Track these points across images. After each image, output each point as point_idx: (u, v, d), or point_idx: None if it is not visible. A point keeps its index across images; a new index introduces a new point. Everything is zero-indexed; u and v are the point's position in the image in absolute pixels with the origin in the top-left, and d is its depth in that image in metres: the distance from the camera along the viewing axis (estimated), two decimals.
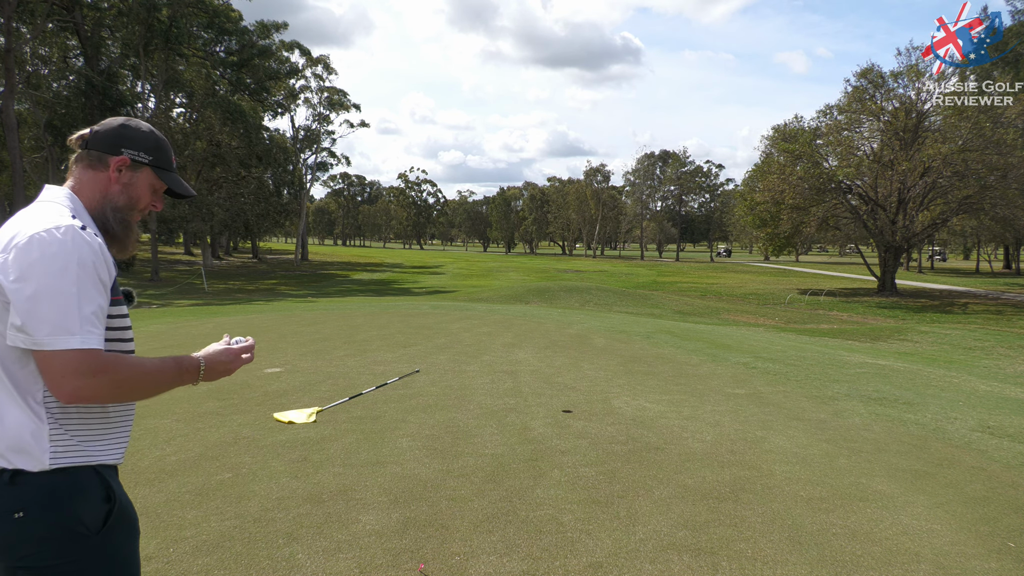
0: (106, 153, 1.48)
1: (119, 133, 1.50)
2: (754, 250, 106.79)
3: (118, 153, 1.49)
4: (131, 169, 1.51)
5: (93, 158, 1.47)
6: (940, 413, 5.81)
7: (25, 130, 35.78)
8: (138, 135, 1.52)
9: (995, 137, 29.37)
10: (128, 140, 1.50)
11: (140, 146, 1.52)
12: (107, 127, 1.50)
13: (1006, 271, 58.29)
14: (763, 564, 2.89)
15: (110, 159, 1.48)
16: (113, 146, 1.48)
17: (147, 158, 1.53)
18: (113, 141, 1.48)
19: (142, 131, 1.53)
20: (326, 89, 56.41)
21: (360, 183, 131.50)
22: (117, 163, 1.48)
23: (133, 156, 1.50)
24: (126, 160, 1.49)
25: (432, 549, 2.98)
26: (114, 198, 1.49)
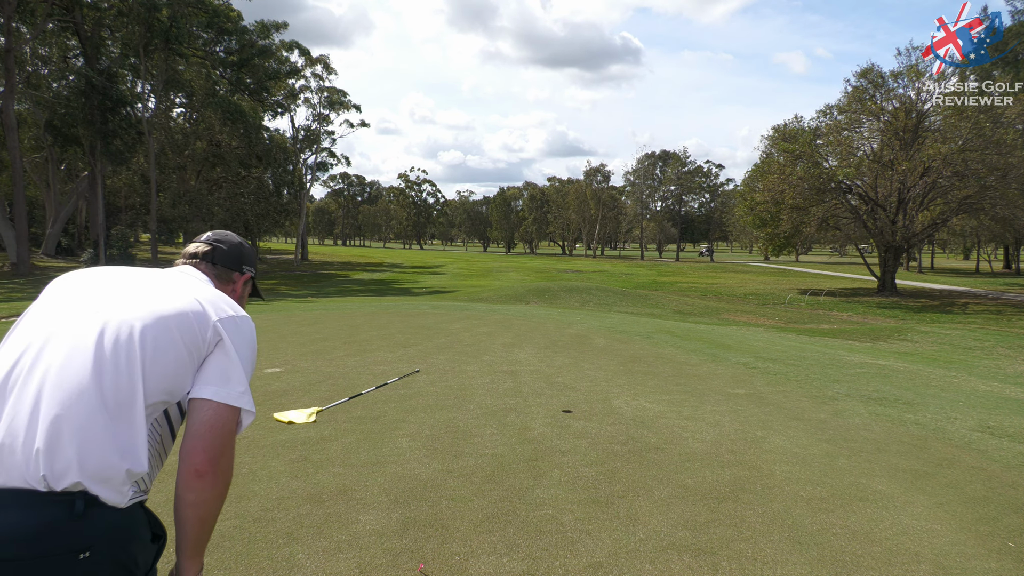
0: (232, 270, 1.68)
1: (241, 253, 1.72)
2: (754, 250, 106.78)
3: (242, 271, 1.72)
4: (247, 284, 1.75)
5: (222, 273, 1.66)
6: (940, 413, 5.81)
7: (25, 130, 35.78)
8: (250, 254, 1.75)
9: (995, 137, 29.37)
10: (246, 257, 1.74)
11: (252, 263, 1.75)
12: (231, 247, 1.70)
13: (1006, 271, 58.30)
14: (763, 564, 2.89)
15: (235, 275, 1.69)
16: (239, 264, 1.71)
17: (253, 272, 1.77)
18: (237, 259, 1.70)
19: (251, 248, 1.77)
20: (326, 89, 56.41)
21: (360, 183, 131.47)
22: (243, 280, 1.72)
23: (250, 272, 1.75)
24: (248, 276, 1.74)
25: (432, 549, 2.98)
26: None
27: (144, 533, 1.32)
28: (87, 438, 1.21)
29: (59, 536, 1.16)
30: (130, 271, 1.52)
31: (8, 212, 32.42)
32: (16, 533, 1.15)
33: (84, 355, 1.26)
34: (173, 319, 1.33)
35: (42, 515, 1.16)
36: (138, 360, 1.27)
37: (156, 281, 1.46)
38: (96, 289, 1.40)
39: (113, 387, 1.25)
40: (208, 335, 1.36)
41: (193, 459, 1.29)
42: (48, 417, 1.21)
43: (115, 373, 1.26)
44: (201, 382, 1.33)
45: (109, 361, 1.26)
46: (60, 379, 1.24)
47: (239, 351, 1.39)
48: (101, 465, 1.22)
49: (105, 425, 1.23)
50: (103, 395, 1.23)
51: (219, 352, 1.36)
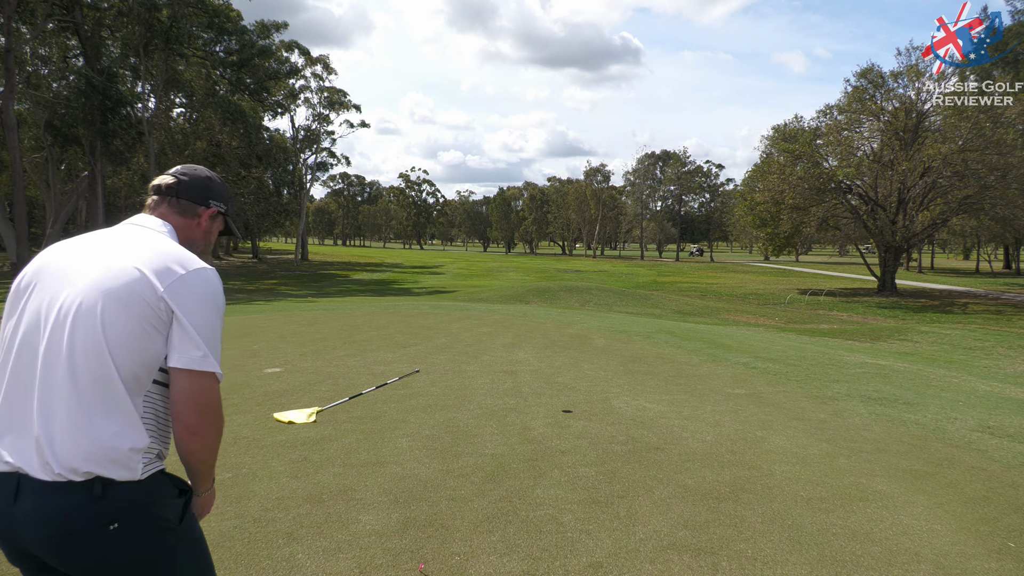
0: (196, 204, 1.67)
1: (207, 186, 1.70)
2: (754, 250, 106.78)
3: (207, 205, 1.69)
4: (213, 219, 1.72)
5: (184, 207, 1.65)
6: (940, 413, 5.81)
7: (25, 130, 35.75)
8: (221, 189, 1.74)
9: (995, 137, 29.36)
10: (214, 193, 1.71)
11: (221, 198, 1.73)
12: (195, 180, 1.68)
13: (1006, 271, 58.29)
14: (763, 564, 2.89)
15: (200, 209, 1.67)
16: (203, 198, 1.68)
17: (224, 208, 1.74)
18: (203, 193, 1.68)
19: (221, 184, 1.76)
20: (326, 89, 56.38)
21: (360, 183, 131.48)
22: (208, 214, 1.70)
23: (218, 207, 1.72)
24: (213, 211, 1.70)
25: (432, 549, 2.98)
26: (196, 242, 1.69)
27: (169, 492, 1.46)
28: (79, 432, 1.32)
29: (86, 515, 1.32)
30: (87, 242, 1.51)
31: (8, 212, 32.42)
32: (46, 516, 1.31)
33: (58, 348, 1.35)
34: (125, 299, 1.36)
35: (66, 500, 1.31)
36: (104, 347, 1.34)
37: (108, 252, 1.45)
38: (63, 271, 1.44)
39: (88, 378, 1.34)
40: (162, 307, 1.39)
41: (181, 420, 1.41)
42: (42, 416, 1.34)
43: (86, 364, 1.34)
44: (169, 350, 1.40)
45: (79, 353, 1.34)
46: (45, 374, 1.35)
47: (191, 316, 1.40)
48: (102, 453, 1.33)
49: (91, 416, 1.33)
50: (80, 388, 1.33)
51: (175, 323, 1.40)
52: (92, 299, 1.36)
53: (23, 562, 1.41)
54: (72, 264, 1.44)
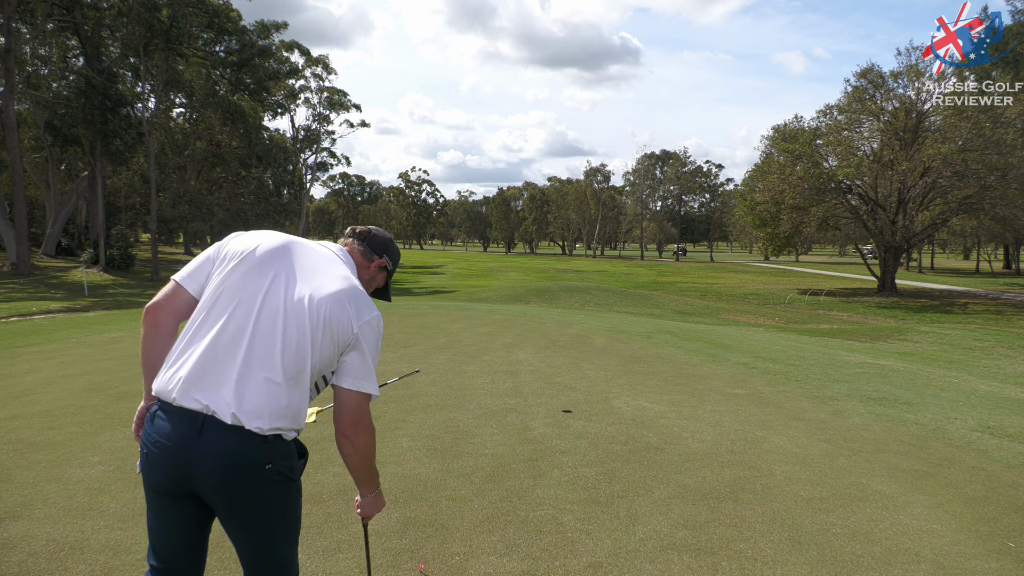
0: (375, 253, 2.06)
1: (386, 245, 2.10)
2: (754, 250, 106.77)
3: (381, 256, 2.08)
4: (380, 268, 2.09)
5: (366, 252, 2.04)
6: (940, 413, 5.81)
7: (25, 130, 35.74)
8: (394, 252, 2.13)
9: (995, 137, 29.36)
10: (389, 252, 2.10)
11: (392, 258, 2.12)
12: (380, 236, 2.10)
13: (1006, 271, 58.28)
14: (763, 564, 2.89)
15: (375, 258, 2.06)
16: (380, 251, 2.08)
17: (392, 267, 2.14)
18: (382, 248, 2.08)
19: (396, 250, 2.14)
20: (326, 89, 56.38)
21: (360, 183, 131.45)
22: (377, 264, 2.07)
23: (388, 266, 2.11)
24: (383, 263, 2.08)
25: (432, 549, 2.98)
26: (361, 280, 2.02)
27: (298, 451, 1.84)
28: (273, 400, 1.71)
29: (255, 453, 1.70)
30: (312, 250, 1.90)
31: (8, 212, 32.41)
32: (223, 450, 1.68)
33: (276, 337, 1.72)
34: (332, 324, 1.75)
35: (240, 441, 1.69)
36: (310, 346, 1.74)
37: (332, 272, 1.84)
38: (306, 270, 1.82)
39: (293, 365, 1.73)
40: (350, 336, 1.78)
41: (341, 428, 1.82)
42: (250, 380, 1.70)
43: (296, 355, 1.73)
44: (342, 373, 1.81)
45: (293, 343, 1.73)
46: (262, 351, 1.71)
47: (370, 352, 1.82)
48: (280, 418, 1.73)
49: (284, 392, 1.73)
50: (286, 371, 1.72)
51: (356, 352, 1.80)
52: (322, 310, 1.74)
53: (174, 491, 1.73)
54: (309, 266, 1.82)
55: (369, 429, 1.86)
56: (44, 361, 7.87)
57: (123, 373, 6.95)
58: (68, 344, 9.41)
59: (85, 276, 28.05)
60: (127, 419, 5.07)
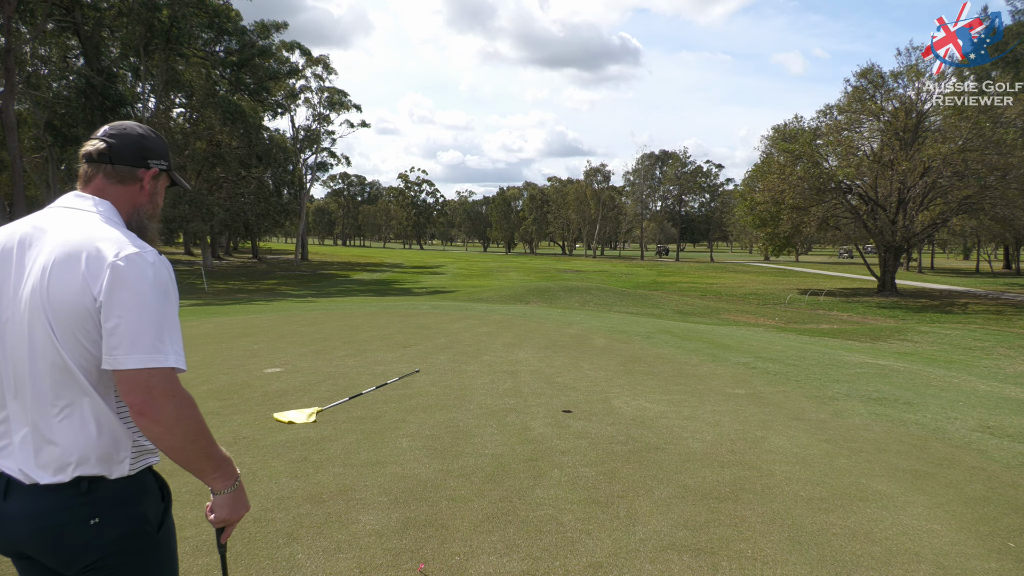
0: (135, 167, 1.50)
1: (143, 145, 1.51)
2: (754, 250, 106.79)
3: (146, 166, 1.52)
4: (156, 178, 1.55)
5: (122, 173, 1.48)
6: (940, 413, 5.81)
7: (25, 130, 35.75)
8: (157, 144, 1.55)
9: (995, 137, 29.35)
10: (152, 151, 1.53)
11: (161, 154, 1.55)
12: (128, 139, 1.50)
13: (1006, 271, 58.27)
14: (763, 564, 2.89)
15: (140, 172, 1.51)
16: (141, 159, 1.51)
17: (165, 164, 1.57)
18: (140, 154, 1.50)
19: (157, 138, 1.56)
20: (326, 89, 56.37)
21: (360, 183, 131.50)
22: (149, 176, 1.53)
23: (159, 166, 1.55)
24: (155, 171, 1.54)
25: (432, 549, 2.98)
26: (143, 208, 1.54)
27: (153, 491, 1.45)
28: (62, 438, 1.33)
29: (70, 510, 1.33)
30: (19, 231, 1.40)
31: (8, 212, 32.42)
32: (33, 512, 1.33)
33: (25, 359, 1.33)
34: (65, 291, 1.29)
35: (52, 497, 1.33)
36: (58, 347, 1.31)
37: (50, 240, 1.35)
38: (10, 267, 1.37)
39: (59, 384, 1.32)
40: (94, 292, 1.29)
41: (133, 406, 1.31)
42: (26, 424, 1.35)
43: (52, 368, 1.32)
44: (108, 348, 1.30)
45: (46, 362, 1.32)
46: (25, 385, 1.34)
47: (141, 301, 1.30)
48: (81, 452, 1.33)
49: (69, 424, 1.33)
50: (57, 395, 1.33)
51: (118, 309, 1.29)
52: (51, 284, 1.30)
53: (15, 557, 1.42)
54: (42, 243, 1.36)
55: (173, 395, 1.31)
56: None
57: None
58: None
59: None
60: None
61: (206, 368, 7.15)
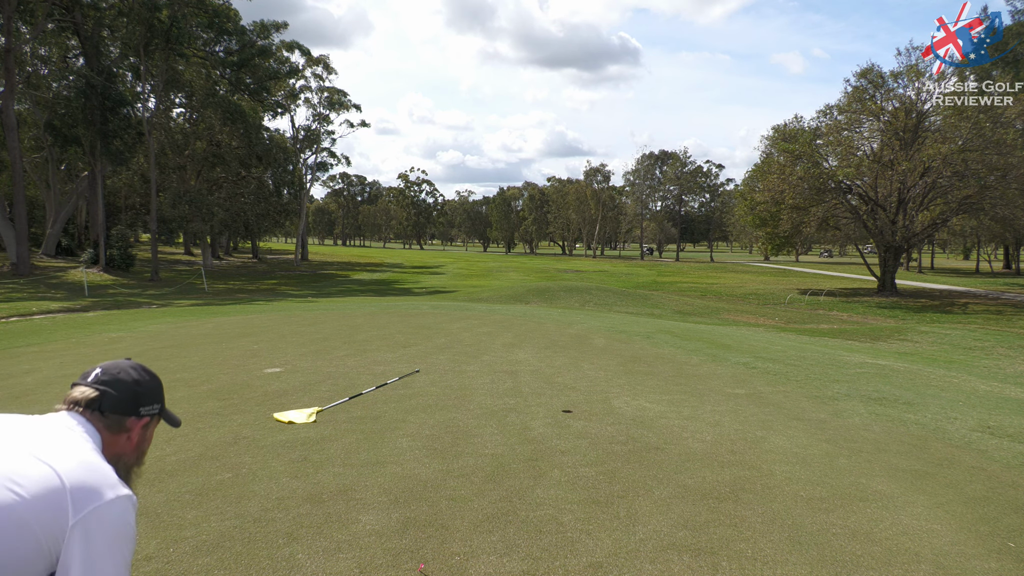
0: (125, 416, 1.42)
1: (136, 392, 1.44)
2: (754, 250, 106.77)
3: (137, 414, 1.44)
4: (146, 427, 1.47)
5: (110, 421, 1.40)
6: (940, 413, 5.81)
7: (25, 130, 35.75)
8: (151, 388, 1.47)
9: (995, 137, 29.35)
10: (145, 398, 1.45)
11: (154, 399, 1.48)
12: (121, 387, 1.42)
13: (1006, 271, 58.28)
14: (763, 564, 2.89)
15: (129, 422, 1.43)
16: (132, 408, 1.43)
17: (158, 408, 1.49)
18: (132, 403, 1.42)
19: (150, 380, 1.48)
20: (326, 89, 56.38)
21: (360, 183, 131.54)
22: (139, 426, 1.45)
23: (151, 413, 1.47)
24: (146, 420, 1.46)
25: (432, 549, 2.98)
26: (127, 458, 1.45)
27: None
28: None
29: None
30: None
31: (8, 212, 32.41)
32: None
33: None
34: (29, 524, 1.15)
35: None
36: None
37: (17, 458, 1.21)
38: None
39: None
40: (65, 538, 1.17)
41: None
42: None
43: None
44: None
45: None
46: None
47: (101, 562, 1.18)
48: None
49: None
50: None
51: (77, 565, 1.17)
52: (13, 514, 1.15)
53: None
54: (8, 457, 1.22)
55: None
56: (44, 361, 7.86)
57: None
58: (68, 344, 9.41)
59: (85, 276, 28.05)
60: None
61: (206, 368, 7.15)
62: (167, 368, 7.19)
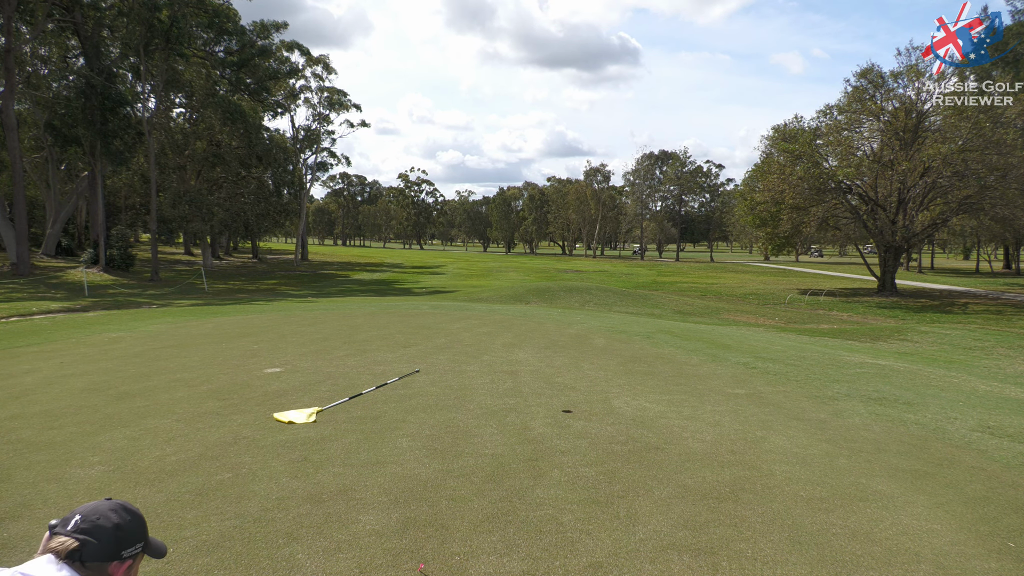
0: (106, 563, 1.35)
1: (117, 538, 1.36)
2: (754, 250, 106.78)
3: (120, 559, 1.37)
4: (130, 568, 1.41)
5: (92, 570, 1.33)
6: (940, 413, 5.81)
7: (25, 130, 35.76)
8: (133, 528, 1.40)
9: (995, 137, 29.34)
10: (127, 541, 1.38)
11: (137, 539, 1.41)
12: (102, 534, 1.35)
13: (1006, 271, 58.27)
14: (763, 564, 2.89)
15: (111, 567, 1.36)
16: (114, 554, 1.36)
17: (140, 547, 1.42)
18: (113, 550, 1.36)
19: (131, 520, 1.41)
20: (326, 89, 56.36)
21: (360, 183, 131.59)
22: (123, 570, 1.38)
23: (133, 554, 1.40)
24: (128, 563, 1.39)
25: (432, 549, 2.98)
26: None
27: None
28: None
29: None
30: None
31: (8, 212, 32.42)
32: None
33: None
34: None
35: None
36: None
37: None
38: None
39: None
40: None
41: None
42: None
43: None
44: None
45: None
46: None
47: None
48: None
49: None
50: None
51: None
52: None
53: None
54: None
55: None
56: (44, 361, 7.86)
57: (123, 373, 6.94)
58: (68, 344, 9.41)
59: (85, 276, 28.05)
60: (127, 419, 5.08)
61: (206, 368, 7.15)
62: (167, 368, 7.19)
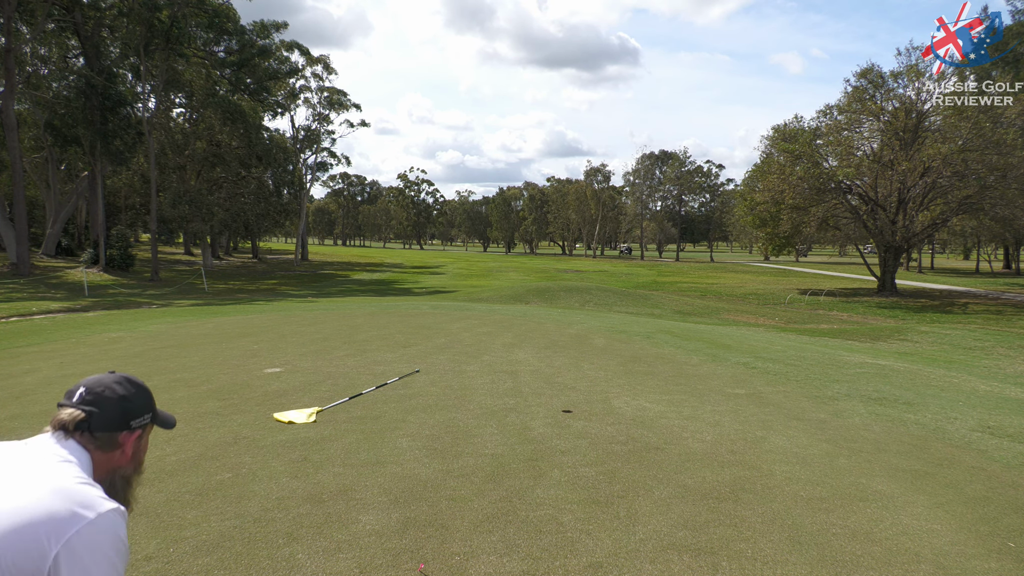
0: (116, 432, 1.37)
1: (125, 408, 1.39)
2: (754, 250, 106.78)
3: (129, 428, 1.39)
4: (140, 438, 1.43)
5: (101, 440, 1.35)
6: (940, 413, 5.81)
7: (25, 130, 35.76)
8: (140, 399, 1.42)
9: (995, 137, 29.34)
10: (134, 411, 1.40)
11: (145, 410, 1.43)
12: (108, 404, 1.37)
13: (1006, 271, 58.27)
14: (763, 564, 2.89)
15: (121, 436, 1.38)
16: (123, 424, 1.38)
17: (149, 418, 1.45)
18: (121, 419, 1.37)
19: (136, 392, 1.43)
20: (326, 89, 56.37)
21: (360, 183, 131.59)
22: (132, 440, 1.40)
23: (142, 424, 1.42)
24: (138, 433, 1.42)
25: (432, 549, 2.98)
26: (124, 469, 1.41)
27: None
28: None
29: None
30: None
31: (8, 212, 32.41)
32: None
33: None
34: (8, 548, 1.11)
35: None
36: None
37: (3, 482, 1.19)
38: None
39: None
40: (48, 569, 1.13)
41: None
42: None
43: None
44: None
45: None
46: None
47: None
48: None
49: None
50: None
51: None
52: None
53: None
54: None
55: None
56: (44, 361, 7.87)
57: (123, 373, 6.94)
58: (68, 344, 9.41)
59: (85, 276, 28.06)
60: None
61: (206, 368, 7.15)
62: (167, 368, 7.19)
